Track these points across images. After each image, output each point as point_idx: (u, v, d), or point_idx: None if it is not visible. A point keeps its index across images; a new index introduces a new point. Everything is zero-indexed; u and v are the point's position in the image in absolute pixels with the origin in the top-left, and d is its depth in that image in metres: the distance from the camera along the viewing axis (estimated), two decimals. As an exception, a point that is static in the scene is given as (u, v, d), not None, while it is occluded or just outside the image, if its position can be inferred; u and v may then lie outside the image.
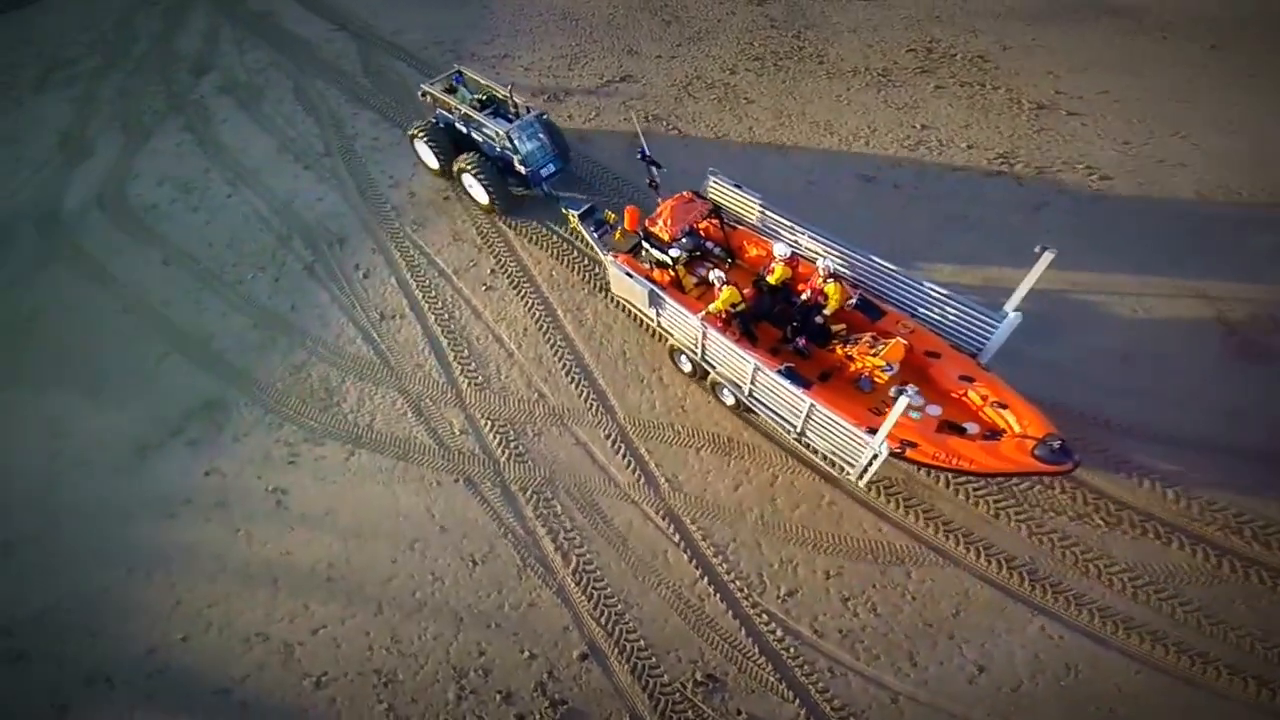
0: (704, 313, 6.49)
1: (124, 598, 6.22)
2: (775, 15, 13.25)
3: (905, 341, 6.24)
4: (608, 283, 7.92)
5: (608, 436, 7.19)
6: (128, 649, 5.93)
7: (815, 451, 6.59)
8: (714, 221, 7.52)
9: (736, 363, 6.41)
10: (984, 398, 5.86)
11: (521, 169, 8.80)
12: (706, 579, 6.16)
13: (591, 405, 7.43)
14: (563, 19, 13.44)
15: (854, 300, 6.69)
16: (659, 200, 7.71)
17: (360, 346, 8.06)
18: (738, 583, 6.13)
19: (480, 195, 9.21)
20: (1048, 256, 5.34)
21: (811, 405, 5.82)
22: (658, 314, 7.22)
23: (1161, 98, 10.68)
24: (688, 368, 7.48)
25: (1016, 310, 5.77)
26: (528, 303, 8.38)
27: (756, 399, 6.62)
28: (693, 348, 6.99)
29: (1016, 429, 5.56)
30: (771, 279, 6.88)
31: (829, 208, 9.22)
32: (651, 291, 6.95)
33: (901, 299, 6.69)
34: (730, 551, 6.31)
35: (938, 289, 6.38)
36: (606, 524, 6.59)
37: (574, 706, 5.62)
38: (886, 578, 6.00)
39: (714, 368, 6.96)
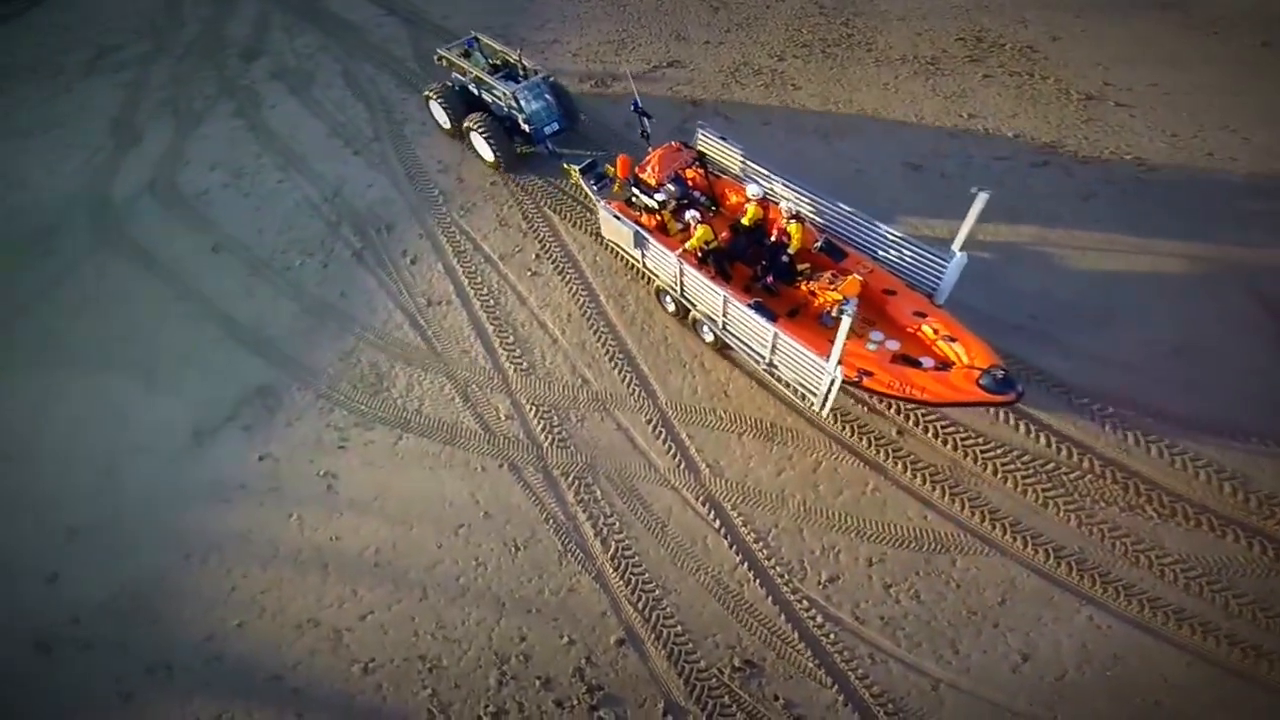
0: (681, 250, 7.27)
1: (182, 583, 6.61)
2: (824, 2, 13.47)
3: (861, 278, 7.01)
4: (599, 228, 8.77)
5: (649, 421, 7.45)
6: (186, 635, 6.31)
7: (784, 382, 7.24)
8: (699, 171, 8.34)
9: (710, 297, 7.15)
10: (936, 331, 6.59)
11: (526, 127, 9.74)
12: (746, 565, 6.38)
13: (634, 390, 7.70)
14: (611, 4, 13.81)
15: (819, 243, 7.46)
16: (649, 150, 8.54)
17: (408, 332, 8.41)
18: (778, 569, 6.34)
19: (485, 152, 10.10)
20: (983, 197, 6.06)
21: (776, 335, 6.55)
22: (643, 254, 7.98)
23: (1211, 92, 10.68)
24: (672, 308, 8.20)
25: (962, 250, 6.54)
26: (572, 289, 8.69)
27: (730, 332, 7.34)
28: (673, 285, 7.72)
29: (965, 361, 6.26)
30: (745, 220, 7.67)
31: (876, 195, 9.42)
32: (636, 232, 7.74)
33: (863, 242, 7.46)
34: (771, 538, 6.53)
35: (894, 233, 7.15)
36: (646, 509, 6.83)
37: (610, 692, 5.87)
38: (930, 565, 6.17)
39: (694, 305, 7.68)
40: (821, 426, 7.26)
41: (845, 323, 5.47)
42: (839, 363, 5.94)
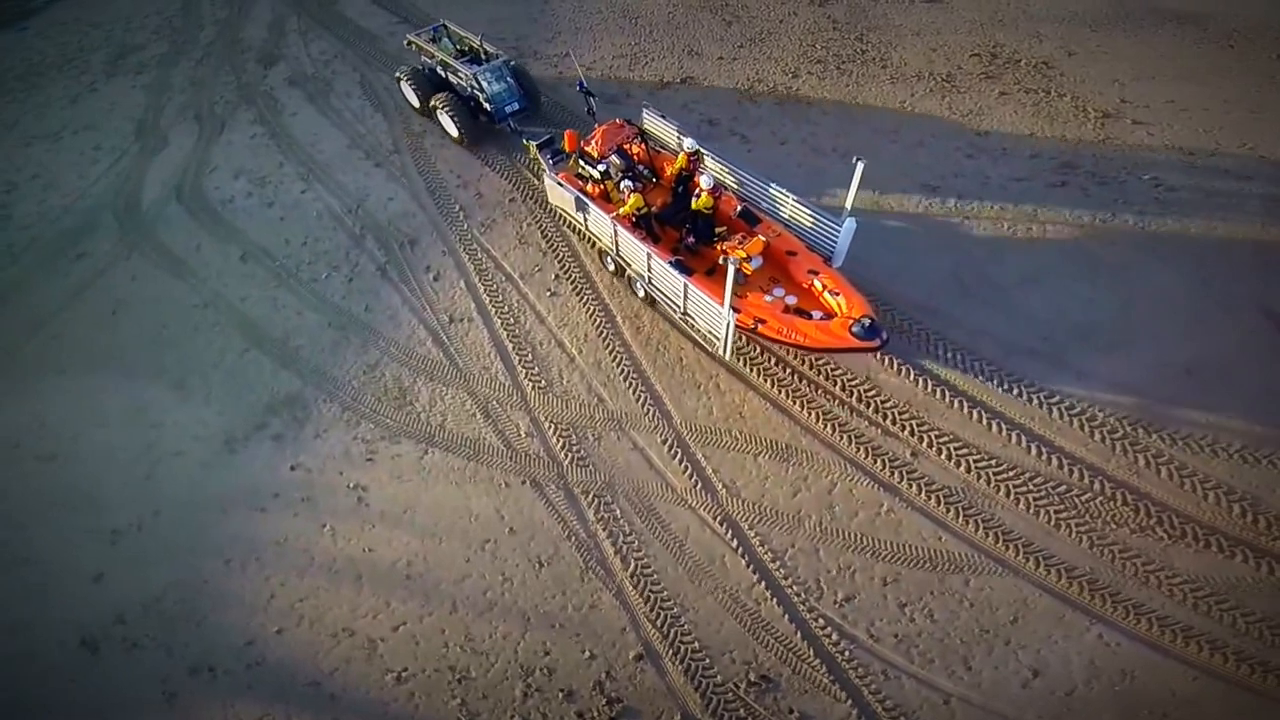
0: (615, 214, 8.65)
1: (223, 589, 7.22)
2: (837, 17, 14.18)
3: (765, 239, 8.42)
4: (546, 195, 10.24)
5: (664, 442, 8.01)
6: (228, 639, 6.90)
7: (697, 330, 8.59)
8: (642, 145, 9.73)
9: (638, 254, 8.52)
10: (824, 286, 8.03)
11: (488, 106, 11.22)
12: (764, 583, 6.91)
13: (649, 411, 8.28)
14: (623, 17, 14.58)
15: (739, 209, 8.89)
16: (595, 126, 10.01)
17: (430, 348, 9.08)
18: (795, 588, 6.86)
19: (450, 128, 11.62)
20: (860, 166, 7.48)
21: (686, 285, 7.93)
22: (584, 218, 9.36)
23: (1228, 107, 11.25)
24: (612, 267, 9.62)
25: (850, 216, 7.97)
26: (589, 309, 9.32)
27: (655, 286, 8.75)
28: (611, 246, 9.10)
29: (844, 312, 7.69)
30: (671, 169, 9.29)
31: (892, 218, 10.03)
32: (577, 198, 9.13)
33: (774, 210, 8.92)
34: (788, 557, 7.06)
35: (800, 203, 8.54)
36: (664, 528, 7.39)
37: (629, 705, 6.40)
38: (944, 585, 6.68)
39: (629, 264, 9.03)
40: (837, 449, 7.80)
41: (730, 272, 6.89)
42: (731, 308, 7.36)
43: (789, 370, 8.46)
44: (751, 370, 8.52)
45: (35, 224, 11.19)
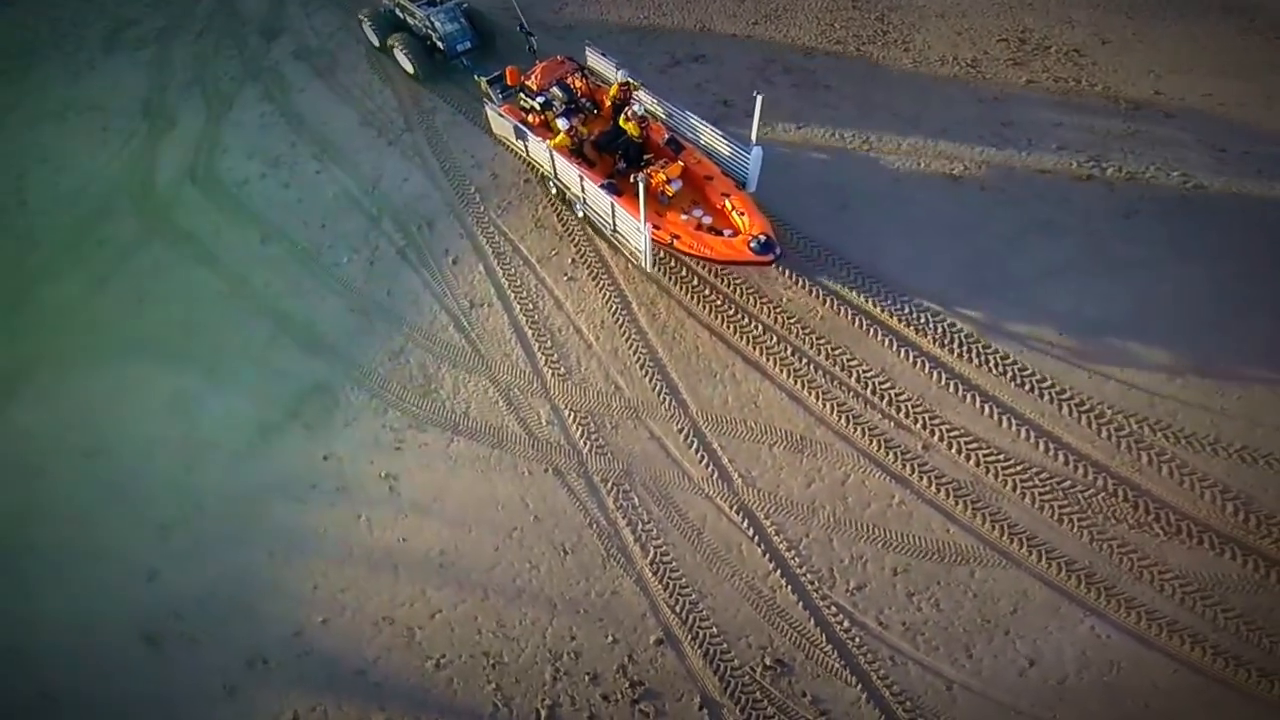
0: (550, 142, 10.07)
1: (269, 580, 7.88)
2: None
3: (682, 163, 9.88)
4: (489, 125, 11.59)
5: (681, 431, 8.65)
6: (277, 631, 7.58)
7: (627, 248, 9.96)
8: (585, 80, 11.03)
9: (573, 177, 10.02)
10: (734, 207, 9.45)
11: (440, 45, 12.80)
12: (779, 572, 7.62)
13: (665, 399, 8.89)
14: None
15: (667, 137, 10.31)
16: (536, 63, 11.31)
17: (452, 334, 9.67)
18: (809, 576, 7.58)
19: (406, 66, 13.17)
20: (760, 99, 8.81)
21: (613, 204, 9.39)
22: (525, 146, 10.79)
23: (1269, 103, 11.59)
24: (554, 190, 11.00)
25: (757, 145, 9.33)
26: (605, 295, 9.87)
27: (590, 206, 10.21)
28: (550, 171, 10.60)
29: (746, 230, 9.16)
30: (607, 99, 10.78)
31: (912, 207, 10.53)
32: (516, 126, 10.54)
33: (697, 139, 10.39)
34: (803, 547, 7.76)
35: (716, 132, 10.00)
36: (681, 517, 8.06)
37: (650, 687, 7.14)
38: (951, 576, 7.39)
39: (567, 188, 10.52)
40: (851, 440, 8.43)
41: (641, 188, 8.33)
42: (649, 224, 8.92)
43: (805, 360, 9.03)
44: (767, 359, 9.09)
45: (52, 209, 11.64)
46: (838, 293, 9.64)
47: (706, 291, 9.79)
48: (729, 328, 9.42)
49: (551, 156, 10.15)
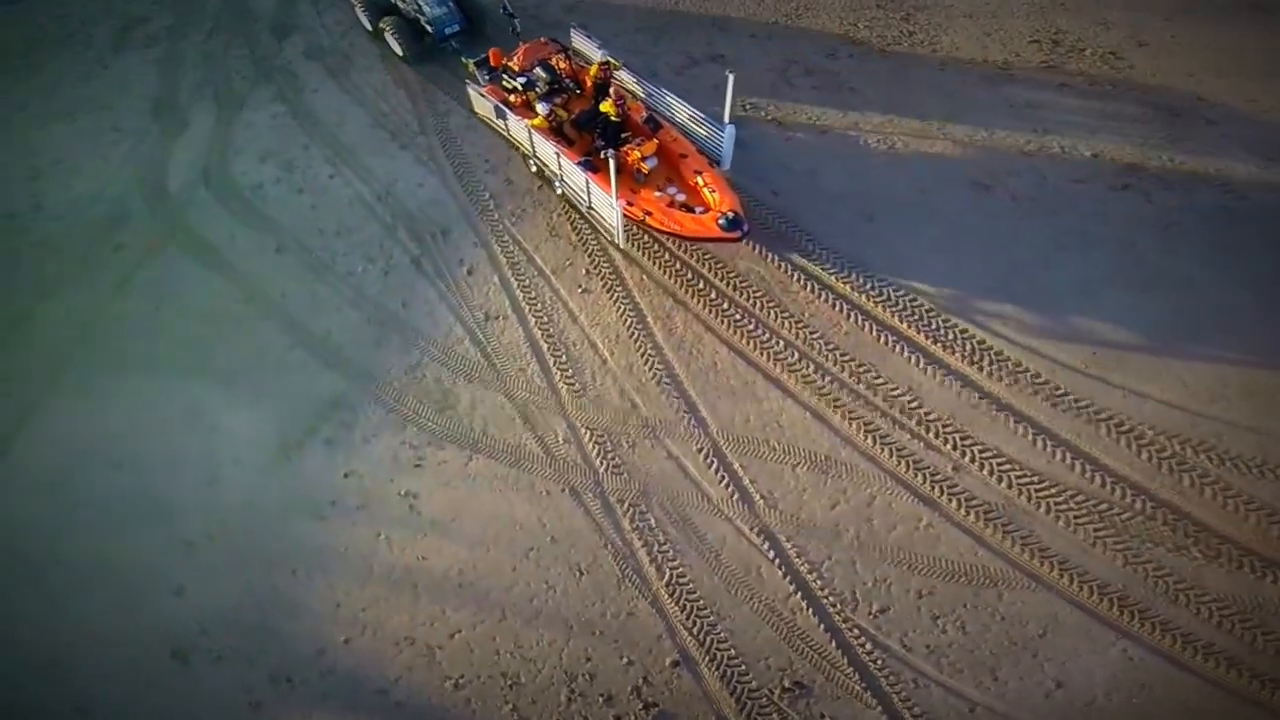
0: (528, 122, 11.28)
1: (292, 598, 8.65)
2: None
3: (658, 141, 11.13)
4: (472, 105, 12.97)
5: (700, 450, 9.32)
6: (301, 649, 8.34)
7: (601, 225, 11.18)
8: (568, 61, 12.37)
9: (550, 154, 11.21)
10: (705, 184, 10.61)
11: (429, 28, 14.24)
12: (800, 594, 8.24)
13: (683, 417, 9.57)
14: None
15: (644, 116, 11.53)
16: (519, 44, 12.69)
17: (468, 348, 10.46)
18: (831, 598, 8.20)
19: (396, 48, 14.67)
20: (731, 78, 9.87)
21: (587, 180, 10.55)
22: (505, 125, 12.04)
23: (1318, 109, 12.34)
24: (534, 168, 12.31)
25: (730, 123, 10.56)
26: (620, 309, 10.63)
27: (567, 183, 11.42)
28: (529, 149, 11.87)
29: (715, 207, 10.28)
30: (588, 77, 11.98)
31: (940, 218, 11.29)
32: (496, 106, 11.79)
33: (674, 118, 11.67)
34: (825, 569, 8.39)
35: (695, 113, 11.22)
36: (700, 539, 8.72)
37: (665, 709, 7.76)
38: (978, 599, 8.00)
39: (545, 166, 11.79)
40: (877, 461, 9.08)
41: (611, 164, 9.52)
42: (620, 199, 10.09)
43: (829, 378, 9.71)
44: (789, 376, 9.78)
45: (67, 213, 12.67)
46: (862, 307, 10.36)
47: (725, 305, 10.51)
48: (749, 343, 10.12)
49: (530, 135, 11.44)
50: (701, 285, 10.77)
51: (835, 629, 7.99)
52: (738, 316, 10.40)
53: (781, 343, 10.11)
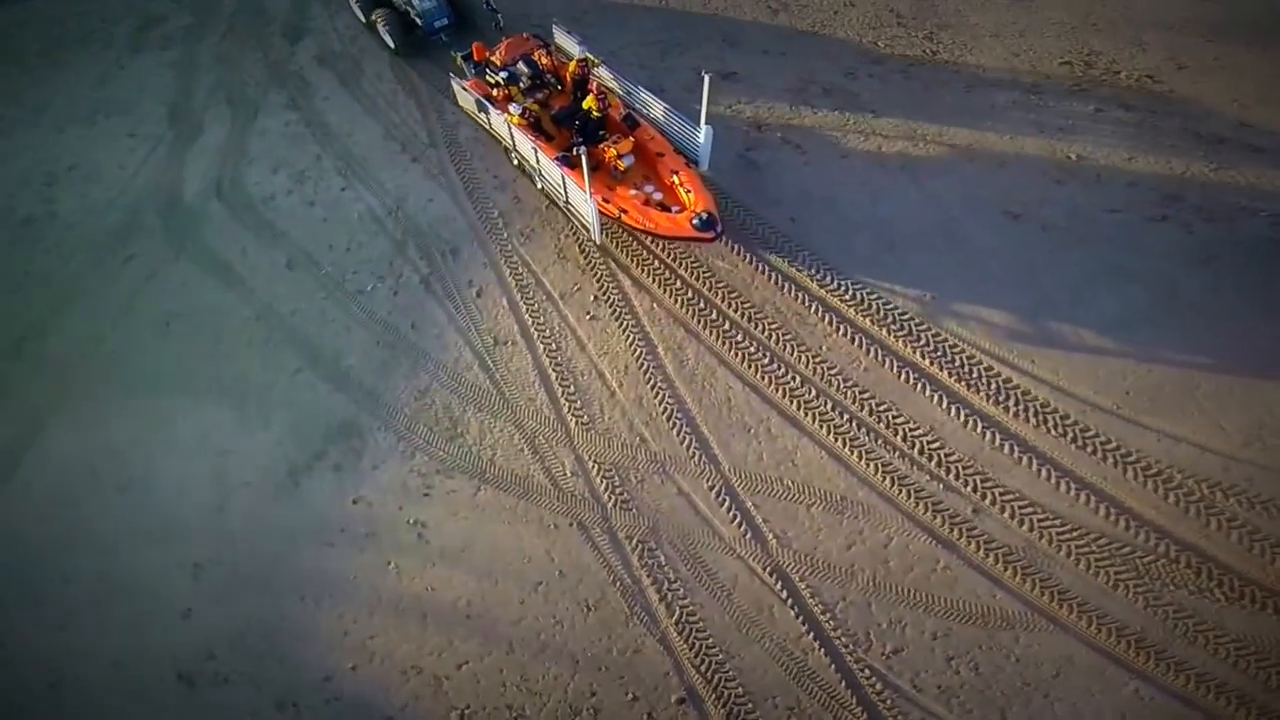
0: (507, 115, 13.33)
1: (300, 624, 10.11)
2: (902, 10, 17.30)
3: (634, 139, 13.11)
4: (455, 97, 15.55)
5: (711, 488, 10.74)
6: (308, 675, 9.77)
7: (578, 220, 13.19)
8: (550, 57, 14.70)
9: (529, 149, 13.29)
10: (681, 183, 12.51)
11: (418, 21, 17.14)
12: (812, 634, 9.55)
13: (694, 454, 11.01)
14: None
15: (624, 114, 13.55)
16: (502, 39, 15.27)
17: (477, 374, 12.09)
18: (843, 639, 9.51)
19: (387, 40, 17.63)
20: (708, 79, 11.60)
21: (564, 177, 12.47)
22: (487, 119, 14.37)
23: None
24: (515, 162, 14.68)
25: (707, 125, 12.40)
26: (628, 338, 12.20)
27: (545, 177, 13.56)
28: (509, 143, 14.13)
29: (690, 206, 12.17)
30: (567, 73, 14.21)
31: (965, 248, 12.82)
32: (477, 100, 14.14)
33: (652, 117, 13.77)
34: (839, 610, 9.72)
35: (670, 111, 13.34)
36: (711, 577, 10.08)
37: (670, 746, 9.15)
38: (993, 640, 9.29)
39: (525, 160, 13.93)
40: (895, 503, 10.45)
41: (583, 160, 11.24)
42: (595, 195, 11.98)
43: (846, 416, 11.13)
44: (805, 414, 11.20)
45: (81, 221, 14.81)
46: (883, 341, 11.84)
47: (739, 337, 12.03)
48: (764, 378, 11.61)
49: (510, 130, 13.53)
50: (715, 316, 12.31)
51: (846, 669, 9.29)
52: (752, 350, 11.90)
53: (798, 378, 11.58)
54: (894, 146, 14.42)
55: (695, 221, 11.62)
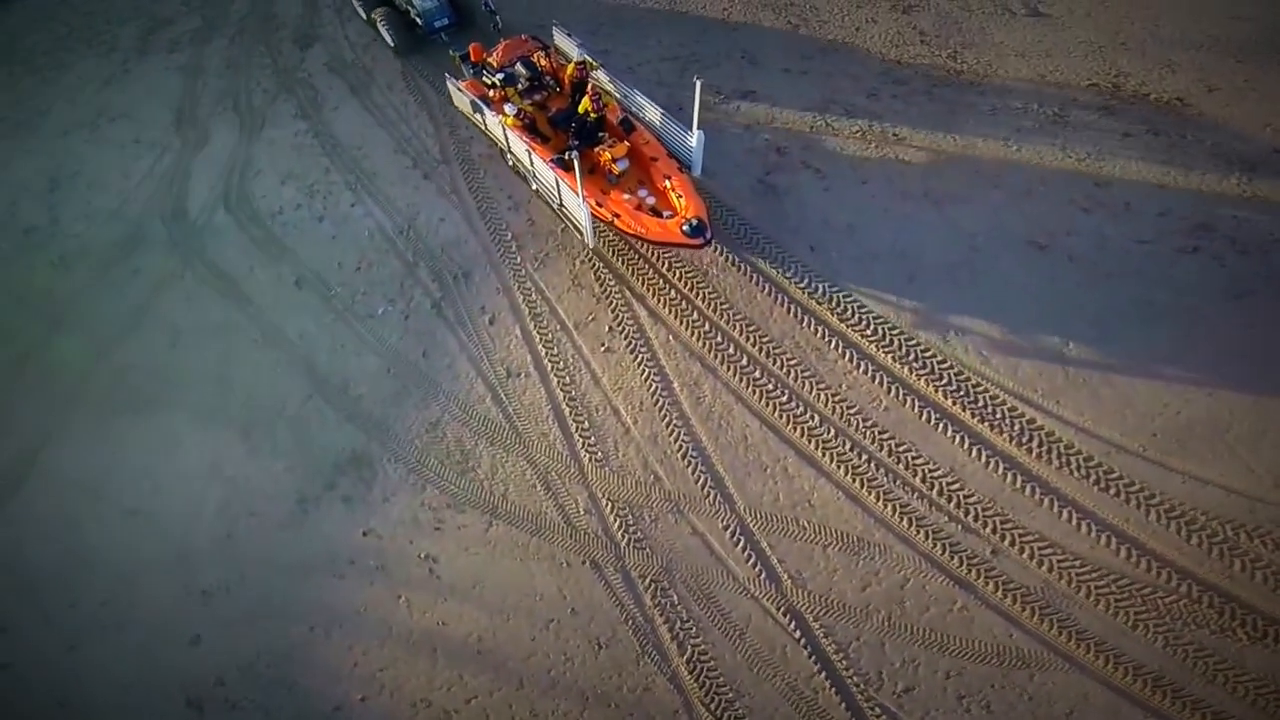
0: (501, 117, 15.26)
1: (309, 654, 11.63)
2: (925, 27, 19.12)
3: (629, 143, 15.01)
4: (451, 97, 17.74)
5: (726, 527, 12.20)
6: (317, 705, 11.26)
7: (572, 223, 15.23)
8: (549, 58, 16.73)
9: (523, 151, 15.21)
10: (673, 188, 14.26)
11: (419, 21, 19.62)
12: (824, 674, 10.96)
13: (709, 493, 12.50)
14: (669, 11, 19.86)
15: (620, 117, 15.37)
16: (500, 40, 17.41)
17: (489, 407, 13.69)
18: (855, 679, 10.91)
19: (387, 39, 20.13)
20: (699, 84, 13.30)
21: (557, 180, 14.45)
22: (482, 120, 16.42)
23: None
24: (510, 164, 16.69)
25: (700, 130, 14.36)
26: (644, 372, 13.75)
27: (538, 179, 15.59)
28: (504, 145, 16.14)
29: (681, 212, 13.86)
30: (566, 76, 16.24)
31: (989, 280, 14.27)
32: (473, 101, 16.26)
33: (648, 120, 15.73)
34: (852, 650, 11.13)
35: (665, 116, 15.33)
36: (724, 617, 11.51)
37: (676, 784, 10.56)
38: (1007, 679, 10.68)
39: (519, 161, 15.94)
40: (912, 544, 11.88)
41: (576, 163, 13.12)
42: (587, 198, 13.73)
43: (865, 456, 12.58)
44: (823, 454, 12.66)
45: (84, 231, 16.68)
46: (904, 380, 13.32)
47: (757, 374, 13.55)
48: (782, 417, 13.11)
49: (505, 132, 15.41)
50: (732, 350, 13.87)
51: (857, 708, 10.72)
52: (770, 387, 13.42)
53: (816, 417, 13.06)
54: (917, 172, 16.04)
55: (685, 228, 13.34)
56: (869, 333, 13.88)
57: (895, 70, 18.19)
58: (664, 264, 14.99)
